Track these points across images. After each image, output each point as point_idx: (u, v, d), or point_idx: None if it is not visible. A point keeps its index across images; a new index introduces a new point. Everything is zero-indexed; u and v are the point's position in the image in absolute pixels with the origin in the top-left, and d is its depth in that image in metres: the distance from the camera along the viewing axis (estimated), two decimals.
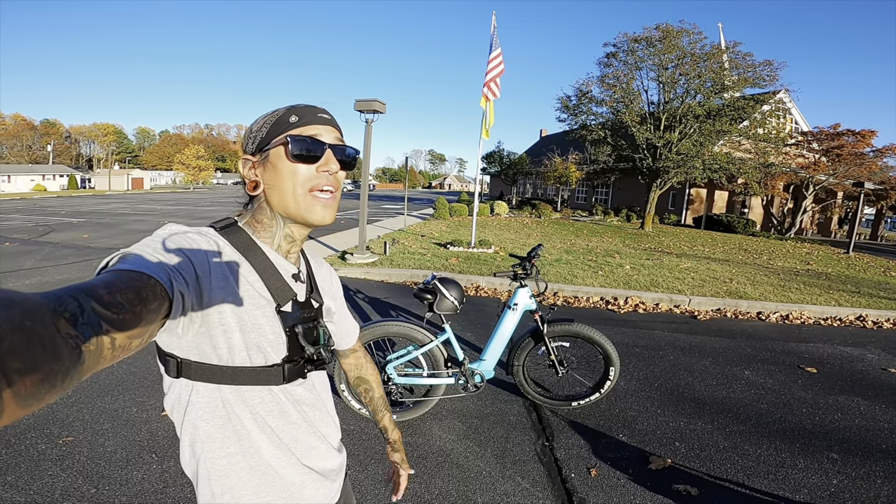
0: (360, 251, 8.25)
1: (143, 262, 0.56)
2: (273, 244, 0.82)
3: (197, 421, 0.73)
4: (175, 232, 0.70)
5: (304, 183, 0.77)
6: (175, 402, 0.75)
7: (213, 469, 0.75)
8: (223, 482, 0.75)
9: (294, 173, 0.76)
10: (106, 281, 0.48)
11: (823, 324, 5.75)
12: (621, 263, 8.71)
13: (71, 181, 45.40)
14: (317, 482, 0.84)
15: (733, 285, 7.16)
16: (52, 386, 0.32)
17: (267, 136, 0.77)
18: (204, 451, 0.74)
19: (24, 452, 2.48)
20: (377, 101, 7.46)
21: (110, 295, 0.45)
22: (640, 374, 3.86)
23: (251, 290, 0.74)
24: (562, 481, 2.45)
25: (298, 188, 0.77)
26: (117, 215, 17.46)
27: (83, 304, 0.40)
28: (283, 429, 0.79)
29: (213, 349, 0.70)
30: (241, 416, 0.74)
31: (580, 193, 31.67)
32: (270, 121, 0.78)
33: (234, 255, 0.75)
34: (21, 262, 7.75)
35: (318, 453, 0.85)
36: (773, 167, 17.49)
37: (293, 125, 0.77)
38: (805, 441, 2.92)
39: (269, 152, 0.77)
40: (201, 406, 0.73)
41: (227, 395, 0.73)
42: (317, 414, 0.85)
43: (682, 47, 15.31)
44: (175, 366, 0.71)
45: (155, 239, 0.66)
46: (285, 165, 0.76)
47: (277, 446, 0.78)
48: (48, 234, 11.38)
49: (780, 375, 3.97)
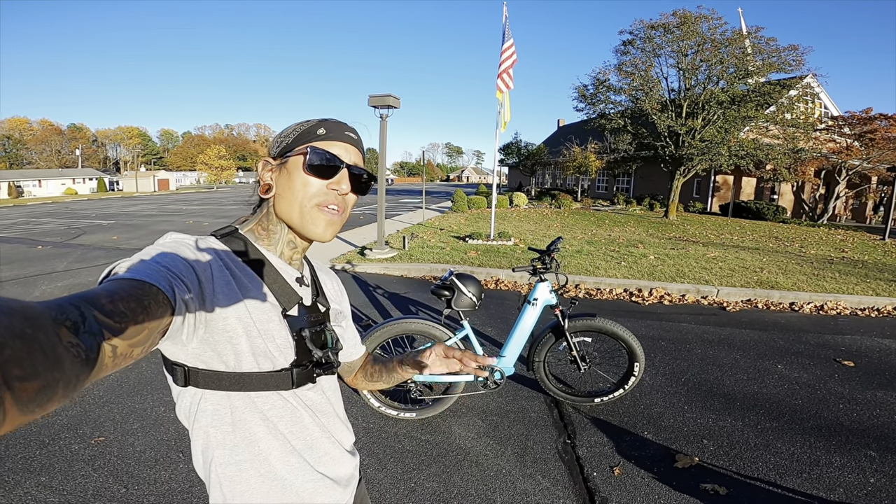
0: (378, 246, 8.27)
1: (145, 271, 0.56)
2: (276, 251, 0.82)
3: (207, 428, 0.74)
4: (176, 240, 0.71)
5: (312, 196, 0.77)
6: (186, 411, 0.75)
7: (224, 475, 0.75)
8: (234, 488, 0.75)
9: (305, 185, 0.77)
10: (108, 290, 0.48)
11: (860, 314, 5.51)
12: (645, 254, 8.52)
13: (100, 184, 46.86)
14: (329, 489, 0.83)
15: (764, 275, 6.92)
16: (54, 393, 0.33)
17: (292, 143, 0.78)
18: (214, 457, 0.75)
19: (59, 453, 2.55)
20: (391, 96, 7.43)
21: (112, 304, 0.46)
22: (667, 369, 3.76)
23: (255, 295, 0.74)
24: (583, 480, 2.40)
25: (306, 200, 0.77)
26: (145, 216, 17.96)
27: (85, 313, 0.40)
28: (296, 434, 0.78)
29: (219, 356, 0.70)
30: (250, 422, 0.74)
31: (601, 183, 31.15)
32: (299, 129, 0.79)
33: (236, 262, 0.75)
34: (54, 264, 8.02)
35: (331, 458, 0.84)
36: (802, 152, 16.84)
37: (319, 137, 0.78)
38: (841, 438, 2.80)
39: (288, 159, 0.78)
40: (210, 413, 0.73)
41: (235, 401, 0.73)
42: (328, 418, 0.85)
43: (701, 33, 14.92)
44: (182, 374, 0.71)
45: (157, 247, 0.66)
46: (299, 175, 0.77)
47: (290, 453, 0.78)
48: (79, 237, 11.77)
49: (815, 369, 3.81)
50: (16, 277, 6.99)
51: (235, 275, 0.72)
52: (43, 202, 31.34)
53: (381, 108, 7.63)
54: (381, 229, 8.32)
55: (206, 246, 0.73)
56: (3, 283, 6.67)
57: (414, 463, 2.54)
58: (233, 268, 0.73)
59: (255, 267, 0.76)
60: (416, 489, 2.33)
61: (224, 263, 0.72)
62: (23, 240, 11.35)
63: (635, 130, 17.26)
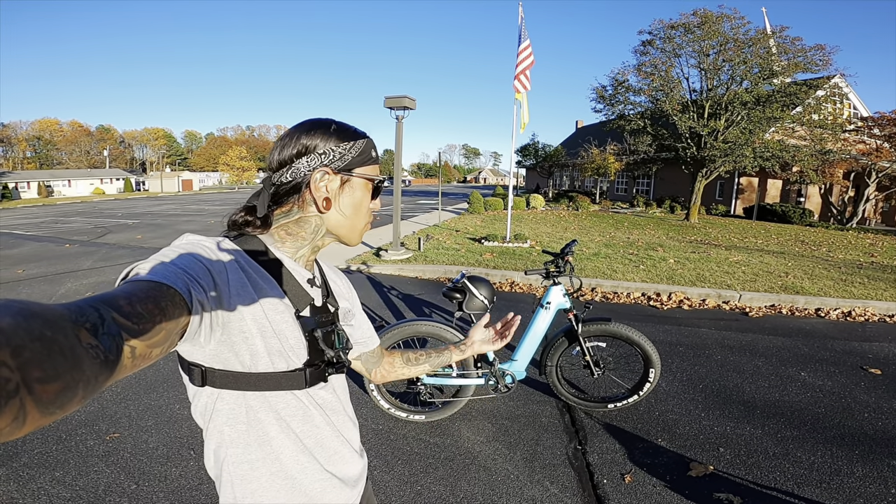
0: (394, 248, 8.30)
1: (163, 273, 0.57)
2: (294, 254, 0.83)
3: (222, 427, 0.75)
4: (192, 241, 0.72)
5: (366, 214, 0.87)
6: (202, 410, 0.77)
7: (236, 473, 0.76)
8: (245, 486, 0.76)
9: (363, 205, 0.85)
10: (126, 292, 0.49)
11: (889, 321, 5.29)
12: (664, 257, 8.35)
13: (126, 184, 48.24)
14: (338, 488, 0.85)
15: (789, 280, 6.72)
16: (74, 394, 0.33)
17: (353, 161, 0.82)
18: (227, 455, 0.76)
19: (74, 448, 2.61)
20: (407, 97, 7.45)
21: (130, 305, 0.46)
22: (684, 375, 3.67)
23: (270, 295, 0.75)
24: (593, 487, 2.35)
25: (363, 218, 0.87)
26: (168, 216, 18.39)
27: (104, 315, 0.41)
28: (308, 433, 0.80)
29: (236, 356, 0.71)
30: (264, 421, 0.75)
31: (620, 185, 30.71)
32: (357, 147, 0.82)
33: (251, 263, 0.76)
34: (80, 262, 8.26)
35: (341, 458, 0.85)
36: (830, 154, 16.31)
37: (373, 161, 0.86)
38: (865, 448, 2.68)
39: (352, 178, 0.82)
40: (226, 413, 0.75)
41: (251, 401, 0.74)
42: (339, 417, 0.87)
43: (723, 33, 14.61)
44: (199, 375, 0.72)
45: (173, 249, 0.67)
46: (365, 197, 0.85)
47: (301, 451, 0.79)
48: (105, 236, 12.11)
49: (841, 377, 3.67)
50: (43, 275, 7.22)
51: (250, 276, 0.73)
52: (72, 202, 32.38)
53: (397, 109, 7.65)
54: (397, 230, 8.34)
55: (221, 247, 0.74)
56: (31, 280, 6.89)
57: (421, 466, 2.53)
58: (247, 269, 0.74)
59: (268, 268, 0.78)
60: (423, 492, 2.31)
61: (239, 265, 0.73)
62: (52, 238, 11.74)
63: (655, 131, 16.97)
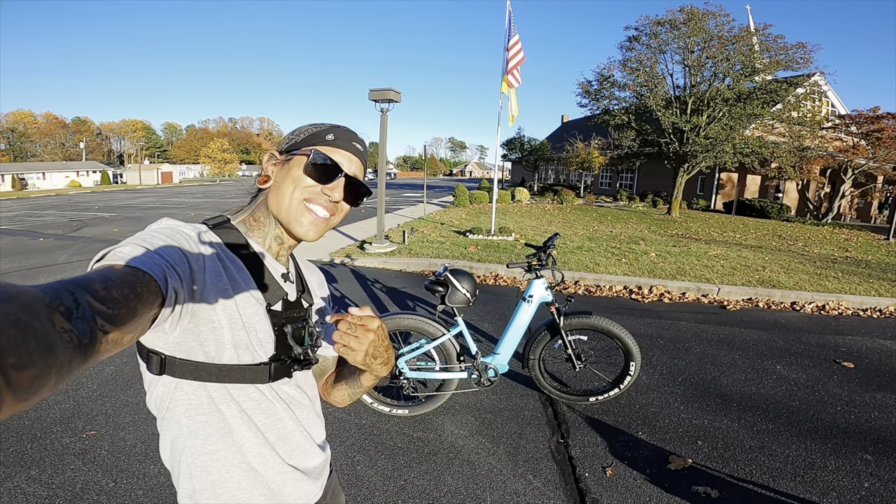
0: (378, 240, 8.25)
1: (140, 258, 0.56)
2: (264, 244, 0.83)
3: (180, 418, 0.73)
4: (172, 227, 0.71)
5: (302, 191, 0.78)
6: (158, 400, 0.74)
7: (195, 465, 0.74)
8: (205, 478, 0.75)
9: (299, 182, 0.78)
10: (102, 276, 0.48)
11: (863, 315, 5.45)
12: (646, 251, 8.46)
13: (103, 177, 46.94)
14: (299, 480, 0.84)
15: (766, 273, 6.87)
16: (48, 380, 0.32)
17: (301, 142, 0.80)
18: (186, 447, 0.74)
19: (50, 446, 2.55)
20: (392, 90, 7.38)
21: (106, 290, 0.45)
22: (664, 368, 3.73)
23: (244, 287, 0.74)
24: (575, 480, 2.37)
25: (296, 193, 0.78)
26: (147, 209, 17.98)
27: (78, 299, 0.40)
28: (270, 427, 0.78)
29: (201, 346, 0.70)
30: (225, 413, 0.74)
31: (604, 179, 30.99)
32: (311, 131, 0.81)
33: (228, 253, 0.75)
34: (55, 256, 8.04)
35: (303, 452, 0.84)
36: (808, 151, 16.70)
37: (327, 142, 0.80)
38: (838, 441, 2.76)
39: (293, 156, 0.79)
40: (185, 403, 0.72)
41: (212, 391, 0.73)
42: (304, 412, 0.85)
43: (708, 30, 14.82)
44: (158, 363, 0.70)
45: (151, 233, 0.66)
46: (297, 172, 0.78)
47: (262, 444, 0.78)
48: (81, 229, 11.80)
49: (815, 370, 3.77)
50: (17, 269, 7.00)
51: (226, 266, 0.73)
52: (46, 194, 31.44)
53: (382, 102, 7.58)
54: (381, 223, 8.29)
55: (201, 237, 0.73)
56: (4, 275, 6.68)
57: (405, 460, 2.52)
58: (224, 259, 0.73)
59: (245, 260, 0.77)
60: (406, 486, 2.31)
61: (217, 254, 0.72)
62: (25, 232, 11.39)
63: (639, 127, 17.16)
